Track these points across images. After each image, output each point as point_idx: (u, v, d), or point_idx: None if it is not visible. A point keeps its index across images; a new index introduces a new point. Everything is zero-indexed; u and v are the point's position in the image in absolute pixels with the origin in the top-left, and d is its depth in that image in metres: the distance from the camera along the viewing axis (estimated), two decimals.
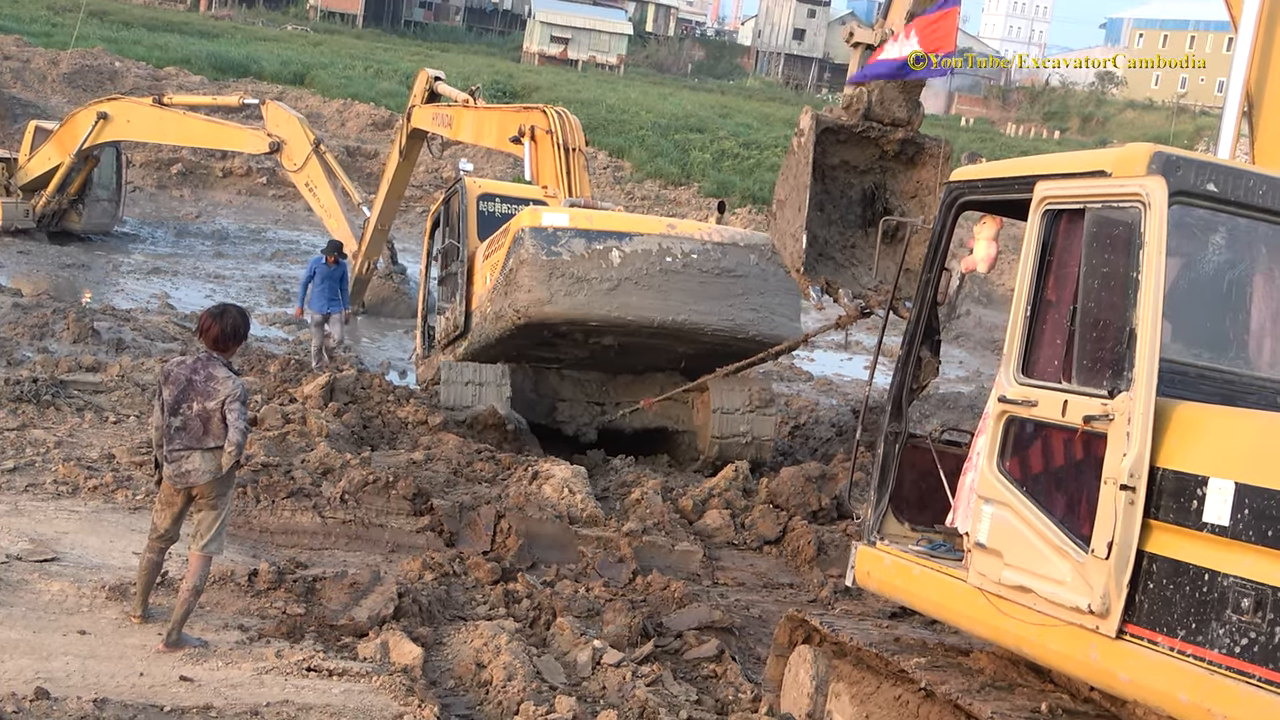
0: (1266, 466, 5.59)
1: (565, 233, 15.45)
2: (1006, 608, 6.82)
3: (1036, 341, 7.02)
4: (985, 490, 7.09)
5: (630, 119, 57.53)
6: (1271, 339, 7.05)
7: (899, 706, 7.85)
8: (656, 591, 11.92)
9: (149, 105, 28.24)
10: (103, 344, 19.29)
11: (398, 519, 12.83)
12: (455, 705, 8.99)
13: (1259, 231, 6.82)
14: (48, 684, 7.95)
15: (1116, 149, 6.86)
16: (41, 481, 12.18)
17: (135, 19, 72.90)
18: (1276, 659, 5.36)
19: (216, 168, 42.02)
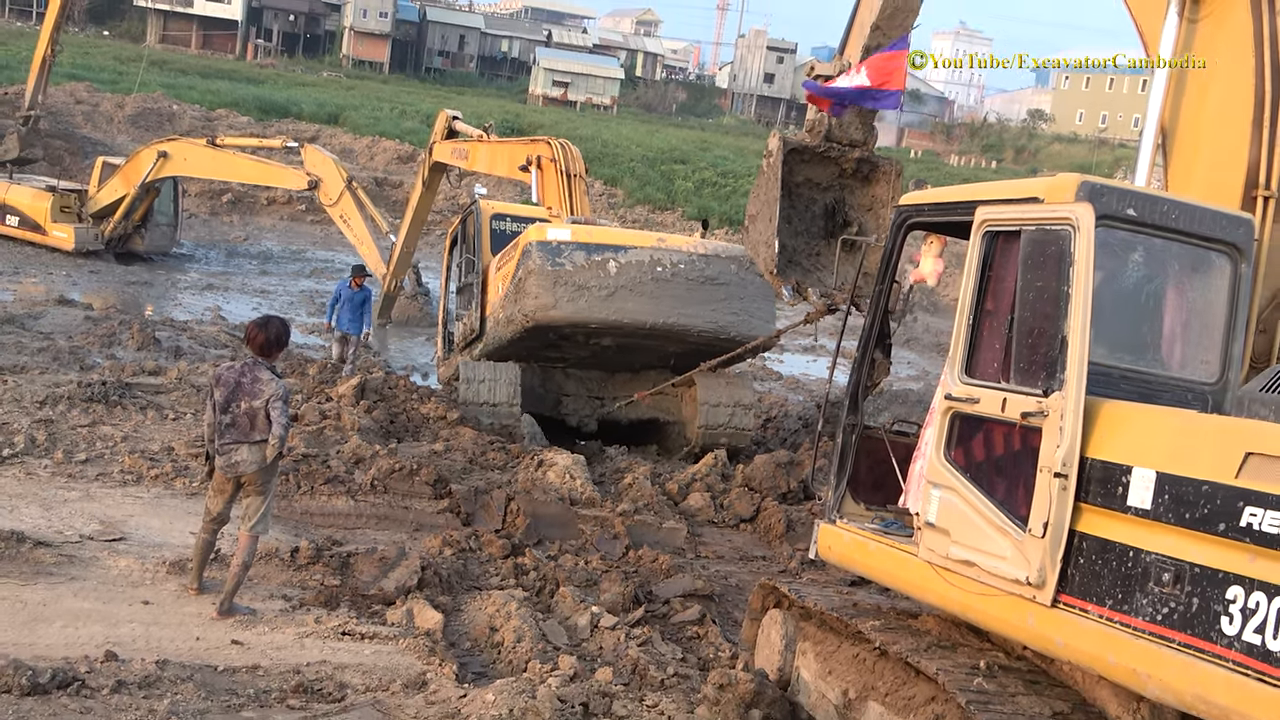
0: (1184, 457, 5.65)
1: (568, 246, 15.47)
2: (953, 579, 6.87)
3: (978, 346, 7.06)
4: (934, 476, 7.14)
5: (622, 152, 57.46)
6: (1181, 344, 7.10)
7: (857, 663, 7.90)
8: (646, 564, 11.95)
9: (203, 145, 28.34)
10: (163, 351, 19.29)
11: (421, 502, 12.86)
12: (471, 664, 9.06)
13: (1171, 250, 6.88)
14: (116, 648, 8.04)
15: (1047, 179, 6.93)
16: (110, 471, 12.20)
17: (190, 67, 72.77)
18: (1193, 626, 5.40)
19: (261, 197, 41.95)
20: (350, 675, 8.22)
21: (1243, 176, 7.91)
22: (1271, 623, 5.05)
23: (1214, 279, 6.99)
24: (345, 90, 71.67)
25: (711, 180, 54.44)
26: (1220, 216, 6.99)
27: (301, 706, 7.70)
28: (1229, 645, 5.23)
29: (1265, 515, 5.11)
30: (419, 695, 8.01)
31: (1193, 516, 5.49)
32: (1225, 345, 6.99)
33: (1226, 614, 5.25)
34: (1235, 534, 5.26)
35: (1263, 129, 7.84)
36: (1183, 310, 7.09)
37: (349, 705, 7.79)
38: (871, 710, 7.58)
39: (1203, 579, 5.41)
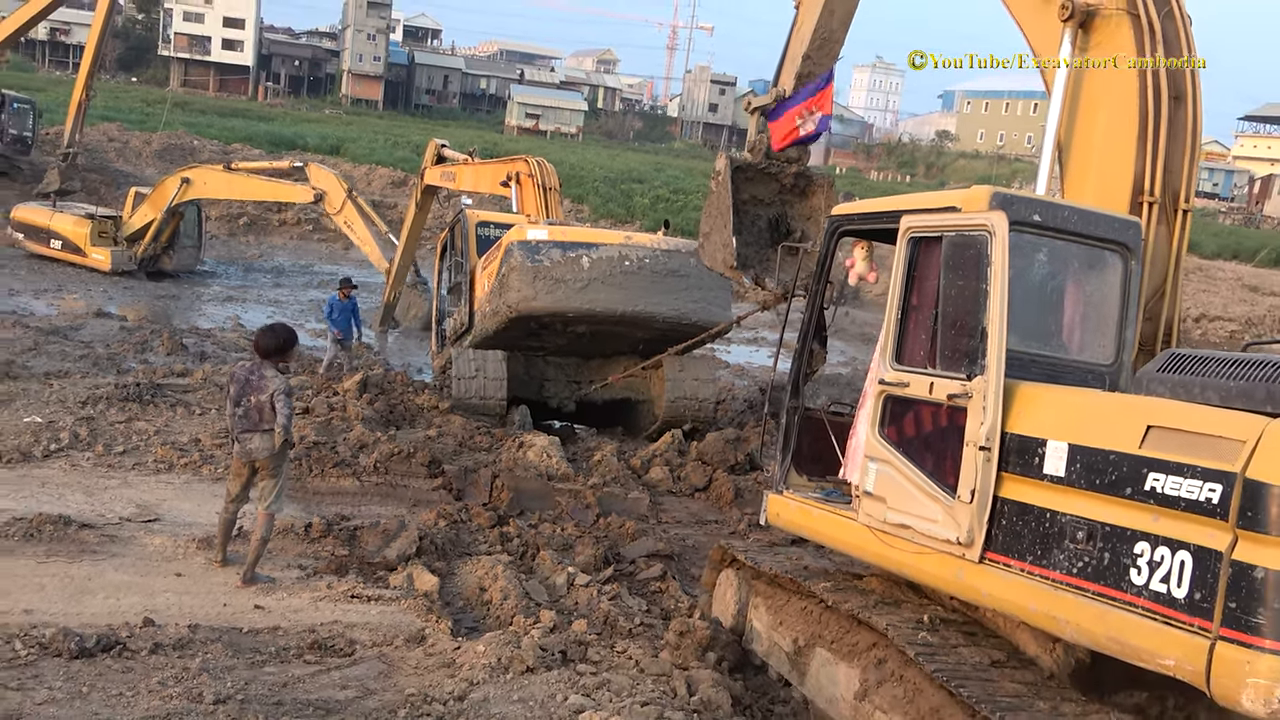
0: (1093, 431, 5.65)
1: (545, 244, 15.36)
2: (890, 540, 6.86)
3: (906, 337, 7.03)
4: (870, 451, 7.11)
5: (587, 174, 57.39)
6: (1080, 331, 7.08)
7: (804, 615, 7.91)
8: (615, 529, 11.98)
9: (220, 170, 28.19)
10: (190, 355, 19.14)
11: (417, 480, 12.85)
12: (464, 619, 9.07)
13: (1071, 250, 6.88)
14: (153, 614, 8.05)
15: (963, 190, 6.89)
16: (145, 461, 12.12)
17: (209, 108, 72.27)
18: (1105, 577, 5.41)
19: (274, 219, 41.71)
20: (359, 633, 8.22)
21: (1130, 185, 7.91)
22: (1175, 573, 5.06)
23: (1108, 275, 6.98)
24: (345, 125, 71.25)
25: (665, 196, 54.52)
26: (1113, 220, 6.99)
27: (317, 661, 7.71)
28: (1137, 593, 5.24)
29: (1166, 480, 5.14)
30: (419, 648, 8.03)
31: (1102, 482, 5.49)
32: (1119, 332, 7.00)
33: (1135, 566, 5.26)
34: (1140, 497, 5.27)
35: (1147, 144, 7.86)
36: (1082, 302, 7.09)
37: (358, 658, 7.80)
38: (819, 656, 7.58)
39: (1113, 536, 5.41)
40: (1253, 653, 4.72)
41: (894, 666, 6.75)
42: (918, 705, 6.38)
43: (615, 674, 7.50)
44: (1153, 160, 7.87)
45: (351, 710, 6.92)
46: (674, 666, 7.92)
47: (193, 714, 6.53)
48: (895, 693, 6.61)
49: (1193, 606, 4.98)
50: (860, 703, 6.90)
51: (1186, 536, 5.06)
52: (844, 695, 7.16)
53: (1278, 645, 4.69)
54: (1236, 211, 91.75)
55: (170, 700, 6.72)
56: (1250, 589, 4.76)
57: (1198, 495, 4.99)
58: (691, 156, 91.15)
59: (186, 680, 6.99)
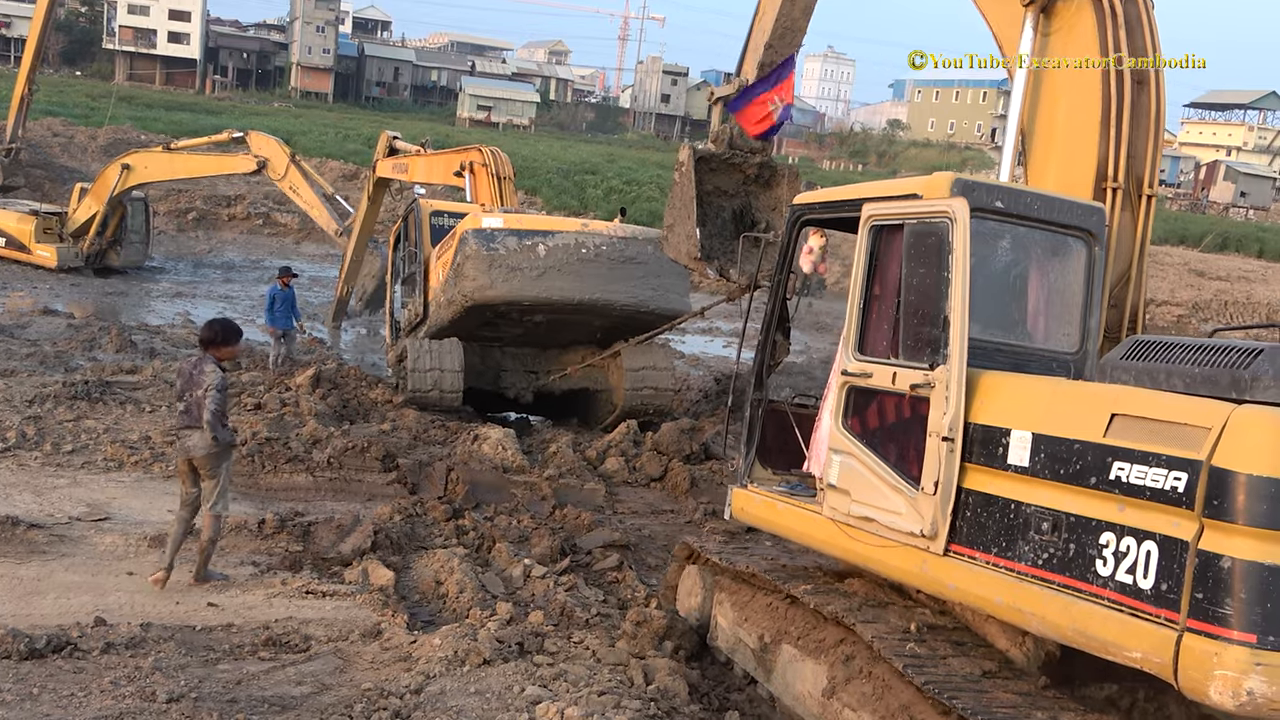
0: (1057, 420, 5.59)
1: (501, 232, 15.23)
2: (854, 533, 6.80)
3: (868, 327, 6.96)
4: (834, 443, 7.04)
5: (540, 166, 57.24)
6: (1044, 319, 7.04)
7: (770, 611, 7.84)
8: (571, 520, 11.98)
9: (160, 152, 27.80)
10: (139, 352, 18.92)
11: (372, 475, 12.78)
12: (420, 613, 9.04)
13: (1035, 237, 6.83)
14: (104, 614, 8.00)
15: (924, 177, 6.81)
16: (94, 459, 12.02)
17: (155, 101, 71.45)
18: (1071, 568, 5.35)
19: (223, 213, 41.30)
20: (314, 628, 8.18)
21: (1093, 171, 7.84)
22: (1141, 564, 5.00)
23: (1072, 261, 6.93)
24: (294, 118, 70.67)
25: (618, 188, 54.43)
26: (1076, 206, 6.94)
27: (271, 657, 7.66)
28: (1104, 585, 5.17)
29: (1132, 469, 5.07)
30: (375, 642, 8.00)
31: (1067, 472, 5.42)
32: (1083, 319, 6.95)
33: (1100, 557, 5.20)
34: (1105, 486, 5.20)
35: (1110, 129, 7.80)
36: (1046, 290, 7.03)
37: (313, 654, 7.76)
38: (785, 653, 7.50)
39: (1078, 527, 5.34)
40: (1220, 644, 4.65)
41: (862, 663, 6.69)
42: (887, 702, 6.31)
43: (572, 664, 7.51)
44: (1116, 145, 7.80)
45: (307, 706, 6.89)
46: (631, 656, 7.94)
47: (146, 713, 6.48)
48: (864, 690, 6.55)
49: (1159, 598, 4.91)
50: (828, 700, 6.82)
51: (1152, 526, 4.99)
52: (811, 692, 7.10)
53: (1246, 636, 4.61)
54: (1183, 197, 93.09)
55: (123, 700, 6.66)
56: (1217, 579, 4.69)
57: (1163, 484, 4.93)
58: (644, 147, 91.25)
59: (139, 679, 6.93)
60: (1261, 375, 5.12)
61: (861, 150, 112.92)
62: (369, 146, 39.68)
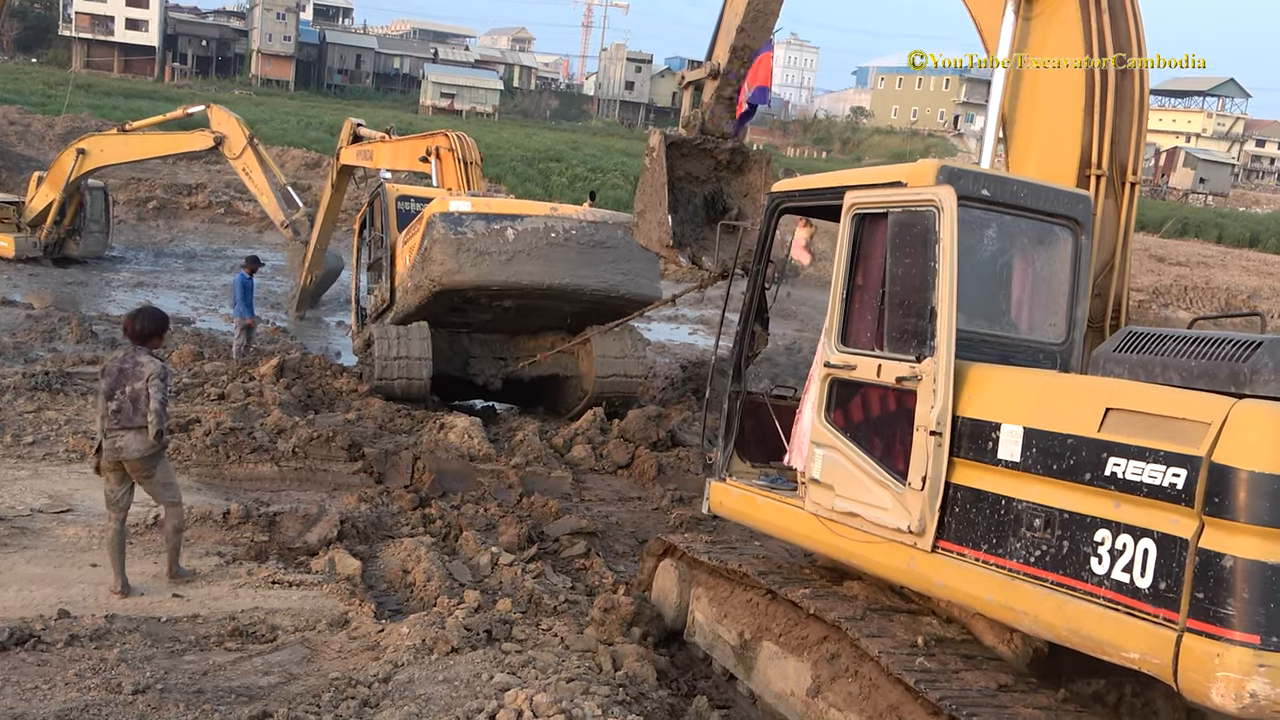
0: (1049, 414, 5.47)
1: (469, 216, 15.07)
2: (838, 529, 6.67)
3: (852, 318, 6.81)
4: (817, 437, 6.90)
5: (504, 153, 57.06)
6: (1029, 309, 6.93)
7: (750, 607, 7.71)
8: (538, 508, 11.97)
9: (115, 134, 27.43)
10: (100, 343, 18.73)
11: (337, 464, 12.72)
12: (388, 602, 9.02)
13: (1021, 225, 6.72)
14: (68, 606, 7.91)
15: (909, 165, 6.71)
16: (56, 451, 11.88)
17: (113, 89, 70.70)
18: (1065, 566, 5.24)
19: (184, 202, 40.93)
20: (280, 618, 8.15)
21: (1076, 158, 7.70)
22: (1138, 562, 4.89)
23: (1058, 250, 6.82)
24: (255, 106, 69.92)
25: (583, 175, 54.40)
26: (1062, 194, 6.82)
27: (238, 648, 7.63)
28: (1099, 583, 5.06)
29: (1128, 465, 4.95)
30: (342, 632, 7.98)
31: (1060, 467, 5.31)
32: (1070, 309, 6.84)
33: (1095, 555, 5.08)
34: (1100, 482, 5.08)
35: (1094, 115, 7.65)
36: (1032, 279, 6.91)
37: (280, 644, 7.72)
38: (766, 650, 7.39)
39: (1072, 524, 5.22)
40: (1222, 645, 4.54)
41: (848, 662, 6.55)
42: (874, 702, 6.17)
43: (541, 651, 7.50)
44: (1100, 131, 7.67)
45: (274, 696, 6.85)
46: (599, 642, 7.95)
47: (111, 705, 6.43)
48: (850, 689, 6.41)
49: (1157, 597, 4.80)
50: (813, 699, 6.69)
51: (1150, 524, 4.88)
52: (794, 691, 6.96)
53: (1249, 637, 4.50)
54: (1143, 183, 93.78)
55: (88, 692, 6.60)
56: (1219, 578, 4.57)
57: (1161, 480, 4.81)
58: (608, 134, 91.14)
59: (104, 671, 6.87)
60: (1262, 369, 5.00)
61: (825, 137, 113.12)
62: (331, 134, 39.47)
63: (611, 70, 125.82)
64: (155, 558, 9.02)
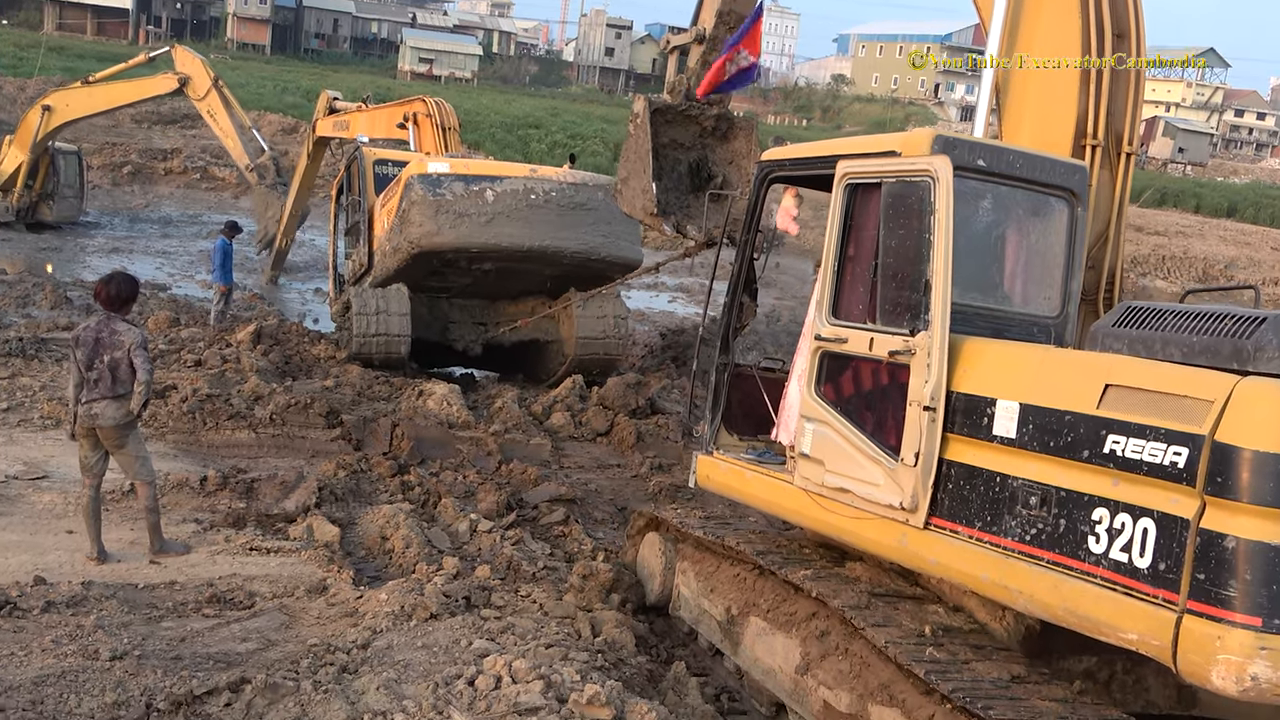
0: (1046, 390, 5.34)
1: (447, 178, 14.92)
2: (829, 505, 6.55)
3: (843, 290, 6.66)
4: (807, 411, 6.78)
5: (483, 119, 56.79)
6: (1023, 281, 6.81)
7: (738, 582, 7.62)
8: (517, 475, 11.97)
9: (79, 87, 27.07)
10: (75, 309, 18.61)
11: (315, 431, 12.69)
12: (366, 569, 9.03)
13: (1016, 196, 6.59)
14: (44, 573, 7.88)
15: (903, 134, 6.59)
16: (30, 417, 11.82)
17: (87, 52, 69.76)
18: (1061, 545, 5.13)
19: (160, 167, 40.61)
20: (258, 585, 8.13)
21: (1072, 127, 7.51)
22: (1137, 542, 4.78)
23: (1054, 222, 6.69)
24: (231, 70, 68.92)
25: (562, 141, 54.19)
26: (1059, 165, 6.69)
27: (216, 614, 7.61)
28: (1097, 563, 4.94)
29: (1127, 442, 4.83)
30: (320, 598, 7.97)
31: (1057, 444, 5.18)
32: (1065, 282, 6.71)
33: (1093, 534, 4.97)
34: (1099, 460, 4.96)
35: (1090, 83, 7.45)
36: (1027, 251, 6.78)
37: (258, 610, 7.71)
38: (754, 625, 7.28)
39: (1069, 502, 5.10)
40: (1223, 627, 4.44)
41: (838, 639, 6.45)
42: (865, 680, 6.07)
43: (519, 618, 7.50)
44: (1096, 100, 7.48)
45: (253, 662, 6.84)
46: (578, 609, 7.97)
47: (89, 671, 6.39)
48: (840, 667, 6.30)
49: (1157, 578, 4.70)
50: (802, 677, 6.59)
51: (1150, 503, 4.77)
52: (782, 668, 6.86)
53: (1250, 620, 4.41)
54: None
55: (65, 658, 6.56)
56: (1220, 559, 4.47)
57: (1161, 459, 4.70)
58: (588, 101, 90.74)
59: (81, 638, 6.84)
60: (1266, 345, 4.89)
61: (806, 105, 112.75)
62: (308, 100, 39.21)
63: (591, 36, 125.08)
64: (132, 524, 8.99)
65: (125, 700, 6.05)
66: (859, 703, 6.04)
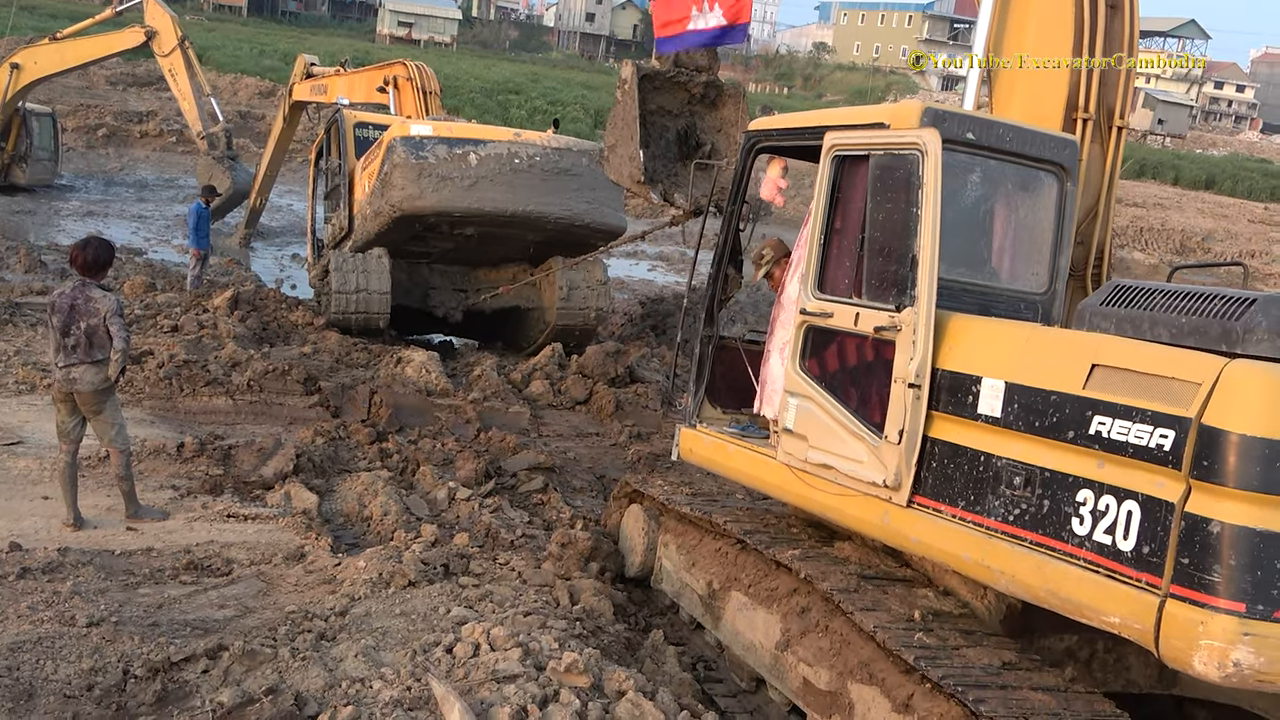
0: (1032, 369, 5.27)
1: (430, 140, 14.82)
2: (812, 481, 6.48)
3: (829, 264, 6.57)
4: (791, 386, 6.70)
5: (463, 85, 56.47)
6: (1010, 257, 6.70)
7: (719, 556, 7.58)
8: (496, 443, 11.97)
9: (46, 44, 26.74)
10: (50, 273, 18.46)
11: (293, 398, 12.64)
12: (345, 536, 9.05)
13: (1006, 171, 6.48)
14: (19, 539, 7.84)
15: (892, 105, 6.43)
16: (5, 383, 11.70)
17: (60, 12, 68.77)
18: (1045, 526, 5.07)
19: (135, 130, 40.26)
20: (236, 552, 8.13)
21: (1064, 100, 7.39)
22: (1121, 524, 4.73)
23: (1043, 196, 6.59)
24: (207, 32, 68.64)
25: (542, 108, 53.94)
26: (1049, 139, 6.59)
27: (193, 581, 7.59)
28: (1080, 544, 4.89)
29: (1113, 424, 4.78)
30: (298, 565, 7.97)
31: (1042, 424, 5.12)
32: (1053, 258, 6.64)
33: (1077, 516, 4.91)
34: (1084, 441, 4.91)
35: (1083, 54, 7.32)
36: (1015, 226, 6.68)
37: (236, 577, 7.70)
38: (735, 600, 7.25)
39: (1053, 483, 5.05)
40: (1206, 612, 4.39)
41: (818, 616, 6.40)
42: (845, 658, 6.03)
43: (498, 585, 7.53)
44: (1088, 75, 7.36)
45: (230, 629, 6.84)
46: (556, 577, 8.00)
47: (65, 638, 6.38)
48: (821, 644, 6.25)
49: (1140, 561, 4.65)
50: (782, 653, 6.56)
51: (1134, 485, 4.71)
52: (762, 643, 6.83)
53: (1234, 605, 4.36)
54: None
55: (41, 624, 6.54)
56: (1205, 544, 4.42)
57: (1147, 441, 4.64)
58: (568, 67, 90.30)
59: (58, 604, 6.82)
60: (1255, 327, 4.83)
61: (788, 73, 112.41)
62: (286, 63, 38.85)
63: (572, 1, 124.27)
64: (108, 491, 8.95)
65: (102, 667, 6.04)
66: (838, 680, 6.02)
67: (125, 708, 5.84)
